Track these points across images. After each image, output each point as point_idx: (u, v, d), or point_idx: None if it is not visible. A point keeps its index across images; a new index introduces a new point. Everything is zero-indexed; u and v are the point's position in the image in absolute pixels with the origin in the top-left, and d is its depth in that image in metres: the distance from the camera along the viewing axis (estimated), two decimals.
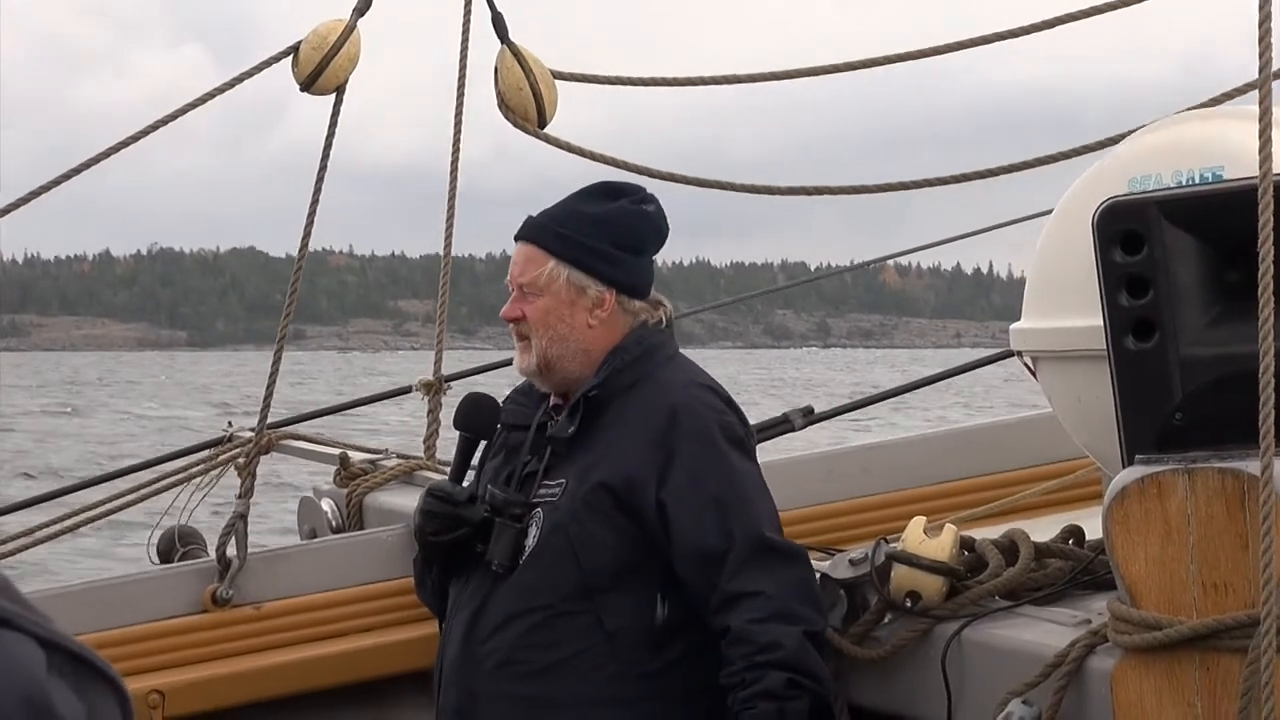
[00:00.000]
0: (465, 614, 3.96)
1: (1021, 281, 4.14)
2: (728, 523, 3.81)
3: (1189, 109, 4.67)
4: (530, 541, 3.90)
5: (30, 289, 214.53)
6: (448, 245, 5.90)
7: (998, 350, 5.42)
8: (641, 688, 3.84)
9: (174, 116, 5.44)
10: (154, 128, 5.41)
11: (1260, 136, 2.85)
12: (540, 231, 4.02)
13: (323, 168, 5.55)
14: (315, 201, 5.61)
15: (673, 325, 4.14)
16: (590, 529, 3.85)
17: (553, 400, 4.07)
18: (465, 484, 4.11)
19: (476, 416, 4.08)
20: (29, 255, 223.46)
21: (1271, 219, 2.85)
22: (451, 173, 5.77)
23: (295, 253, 5.56)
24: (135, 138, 5.39)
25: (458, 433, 4.11)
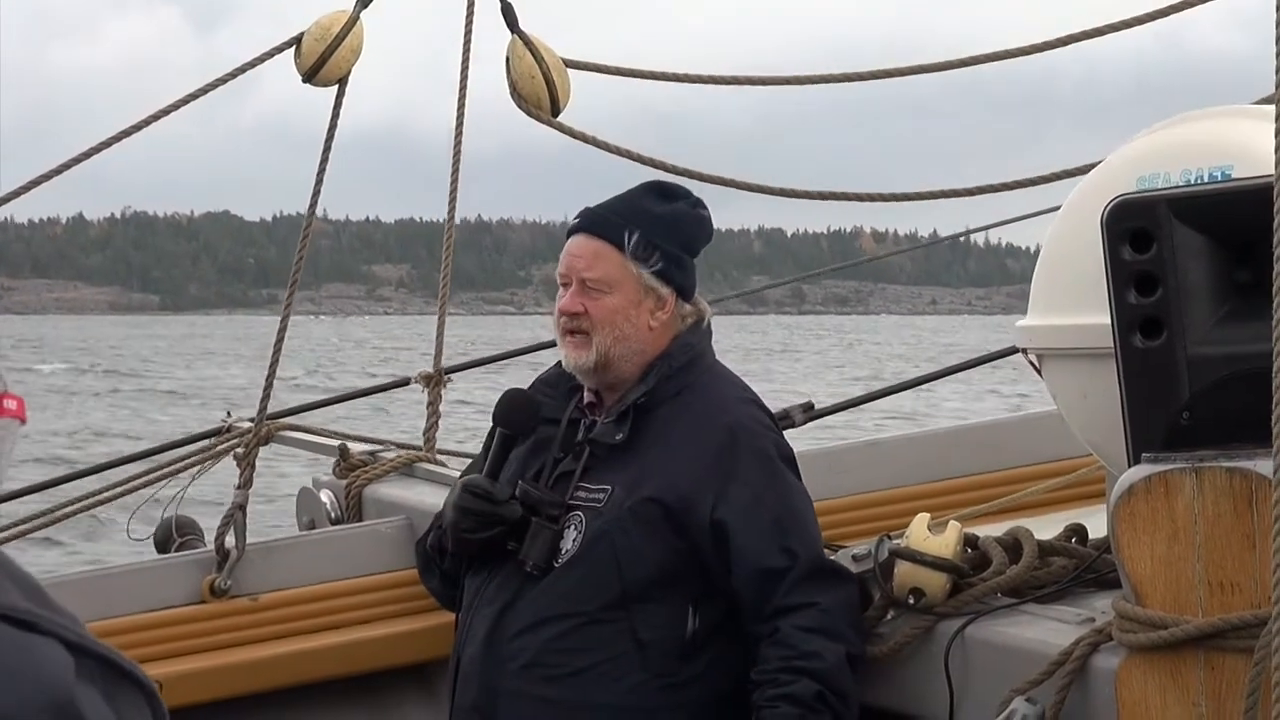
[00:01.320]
0: (491, 611, 3.92)
1: (998, 249, 4.12)
2: (788, 541, 3.82)
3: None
4: (569, 545, 3.87)
5: (2, 252, 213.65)
6: (448, 250, 5.86)
7: (1002, 348, 5.40)
8: (665, 697, 3.82)
9: (192, 98, 5.41)
10: (166, 112, 5.39)
11: (1277, 137, 2.83)
12: (611, 228, 3.96)
13: (324, 160, 5.52)
14: (316, 195, 5.59)
15: (711, 330, 4.11)
16: (636, 541, 3.82)
17: (586, 397, 4.03)
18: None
19: (518, 415, 4.03)
20: (2, 219, 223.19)
21: None
22: (454, 160, 5.75)
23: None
24: (148, 121, 5.37)
25: (496, 428, 4.04)
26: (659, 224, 3.94)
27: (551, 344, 4.37)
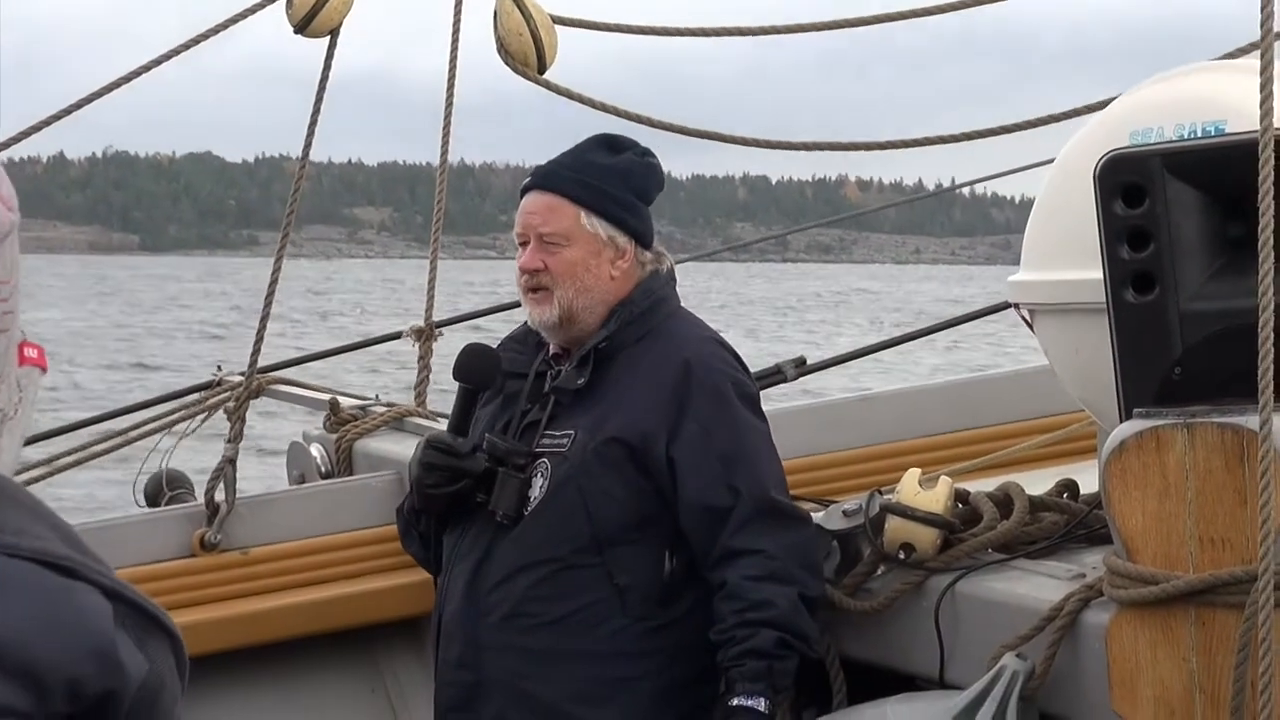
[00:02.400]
0: (467, 565, 3.93)
1: (984, 199, 4.11)
2: (734, 479, 3.80)
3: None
4: (535, 492, 3.87)
5: None
6: (439, 211, 5.84)
7: (994, 304, 5.39)
8: (648, 641, 3.83)
9: (183, 49, 5.39)
10: (156, 63, 5.37)
11: (1262, 90, 2.82)
12: (564, 181, 3.96)
13: (315, 112, 5.51)
14: (308, 147, 5.57)
15: (674, 277, 4.11)
16: (601, 482, 3.82)
17: (552, 349, 4.04)
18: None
19: (477, 367, 4.03)
20: None
21: (1272, 173, 2.82)
22: (445, 119, 5.73)
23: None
24: (138, 73, 5.35)
25: (457, 384, 4.05)
26: (611, 174, 3.95)
27: None
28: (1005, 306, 4.52)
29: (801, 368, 5.39)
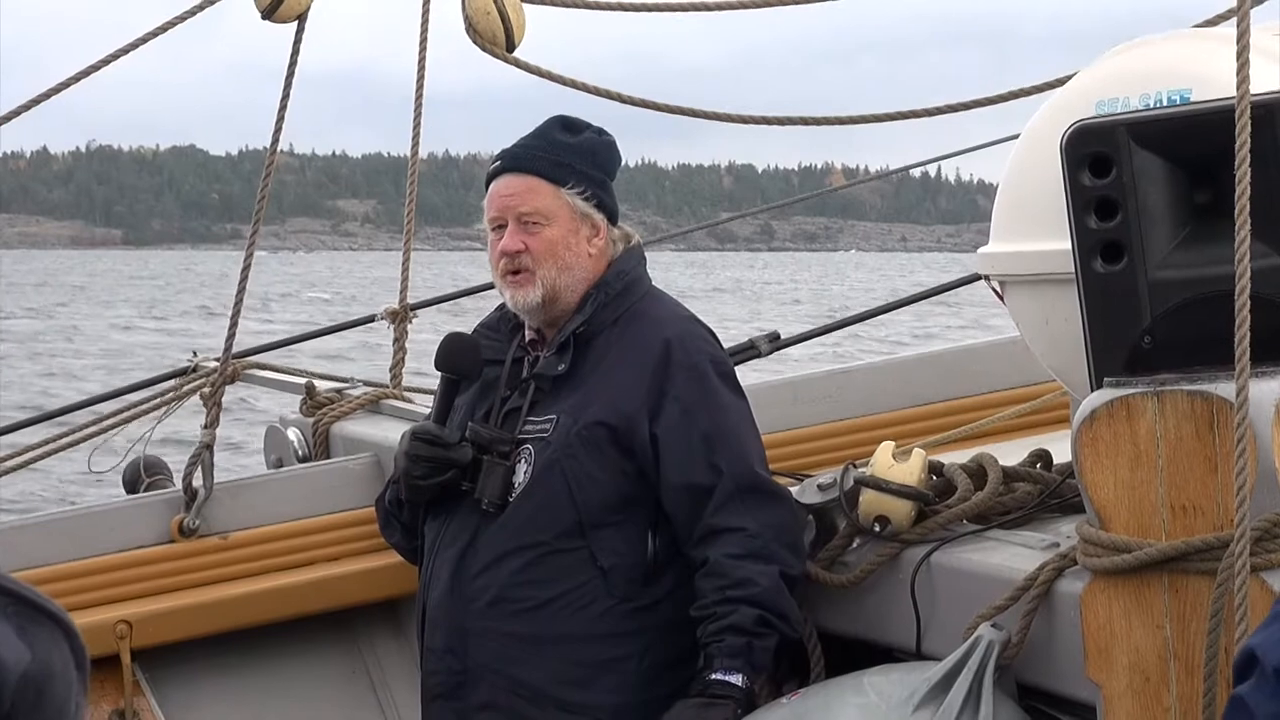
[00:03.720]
0: (452, 552, 3.93)
1: (970, 185, 4.13)
2: (716, 458, 3.82)
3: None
4: (520, 478, 3.88)
5: None
6: (411, 193, 5.84)
7: (965, 275, 5.40)
8: (634, 621, 3.84)
9: (159, 32, 5.38)
10: (131, 47, 5.36)
11: (1238, 57, 2.83)
12: (537, 161, 3.96)
13: (285, 97, 5.49)
14: (278, 132, 5.56)
15: (644, 255, 4.12)
16: (585, 466, 3.83)
17: (527, 335, 4.04)
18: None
19: (459, 357, 4.03)
20: None
21: (1249, 141, 2.83)
22: (417, 97, 5.73)
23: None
24: (113, 57, 5.34)
25: (439, 374, 4.05)
26: (578, 152, 3.97)
27: None
28: (977, 278, 4.54)
29: (775, 342, 5.40)
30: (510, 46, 5.53)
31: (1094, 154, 3.31)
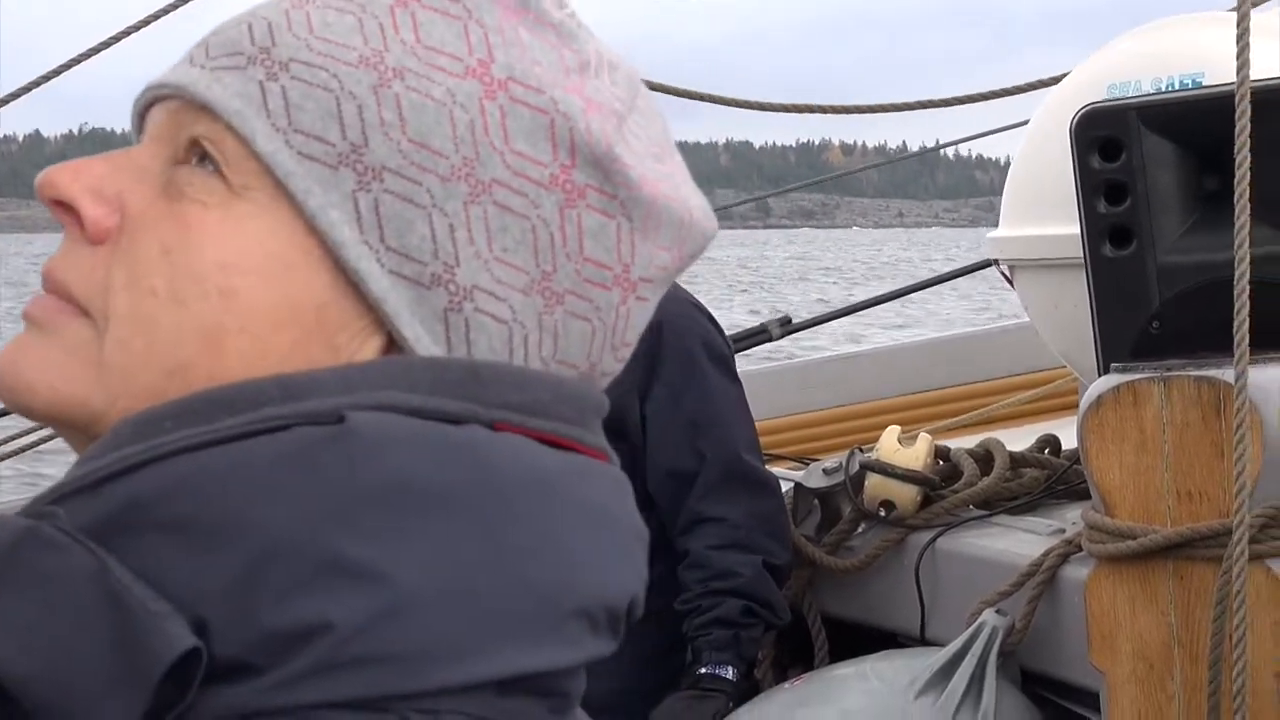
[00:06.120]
0: None
1: (968, 160, 4.10)
2: (700, 443, 3.77)
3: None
4: None
5: None
6: None
7: (976, 261, 5.37)
8: None
9: (162, 14, 5.34)
10: (127, 33, 5.33)
11: (1238, 43, 2.80)
12: None
13: None
14: None
15: None
16: None
17: None
18: None
19: None
20: None
21: (1249, 126, 2.80)
22: None
23: None
24: (110, 42, 5.31)
25: None
26: None
27: None
28: (987, 264, 4.51)
29: (787, 326, 5.38)
30: None
31: (1104, 138, 3.28)
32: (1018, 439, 4.16)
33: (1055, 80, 4.15)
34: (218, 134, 0.96)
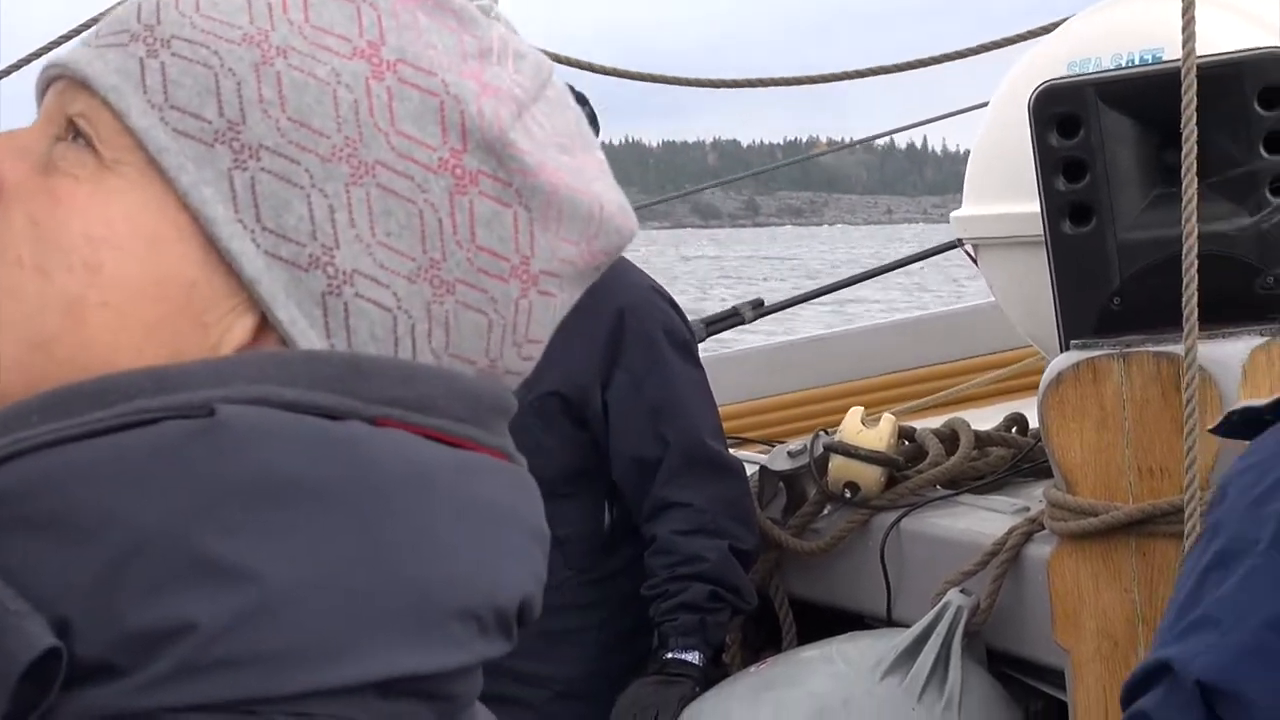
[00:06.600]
0: None
1: (956, 156, 4.09)
2: (663, 429, 3.75)
3: None
4: None
5: None
6: None
7: (944, 242, 5.35)
8: (590, 593, 3.79)
9: None
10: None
11: (1184, 15, 2.79)
12: None
13: None
14: None
15: None
16: (539, 437, 3.76)
17: None
18: None
19: None
20: None
21: (1195, 101, 2.79)
22: None
23: None
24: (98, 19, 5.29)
25: None
26: None
27: None
28: (956, 245, 4.50)
29: (759, 309, 5.37)
30: None
31: (1062, 114, 3.27)
32: (986, 418, 4.15)
33: (1011, 41, 4.14)
34: (94, 110, 0.94)
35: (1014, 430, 4.04)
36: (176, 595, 0.83)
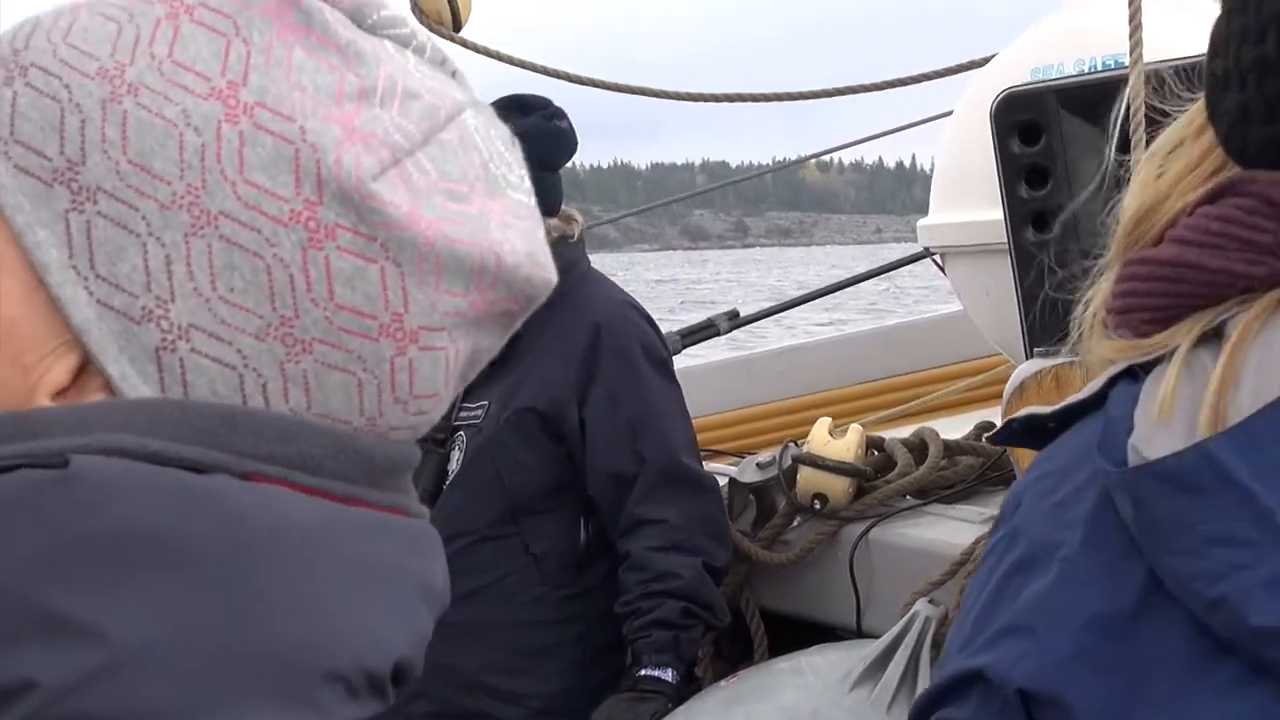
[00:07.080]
0: None
1: None
2: (639, 445, 3.74)
3: None
4: (453, 465, 3.82)
5: None
6: None
7: (915, 252, 5.34)
8: (566, 608, 3.78)
9: None
10: None
11: (1130, 22, 2.78)
12: None
13: None
14: None
15: (584, 239, 4.04)
16: (516, 453, 3.75)
17: None
18: None
19: None
20: None
21: (1144, 107, 2.78)
22: None
23: None
24: None
25: None
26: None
27: None
28: (925, 255, 4.49)
29: (734, 320, 5.36)
30: (457, 26, 5.47)
31: (1023, 121, 3.27)
32: (958, 427, 4.14)
33: (976, 64, 4.13)
34: None
35: (984, 438, 4.02)
36: (19, 652, 0.80)
